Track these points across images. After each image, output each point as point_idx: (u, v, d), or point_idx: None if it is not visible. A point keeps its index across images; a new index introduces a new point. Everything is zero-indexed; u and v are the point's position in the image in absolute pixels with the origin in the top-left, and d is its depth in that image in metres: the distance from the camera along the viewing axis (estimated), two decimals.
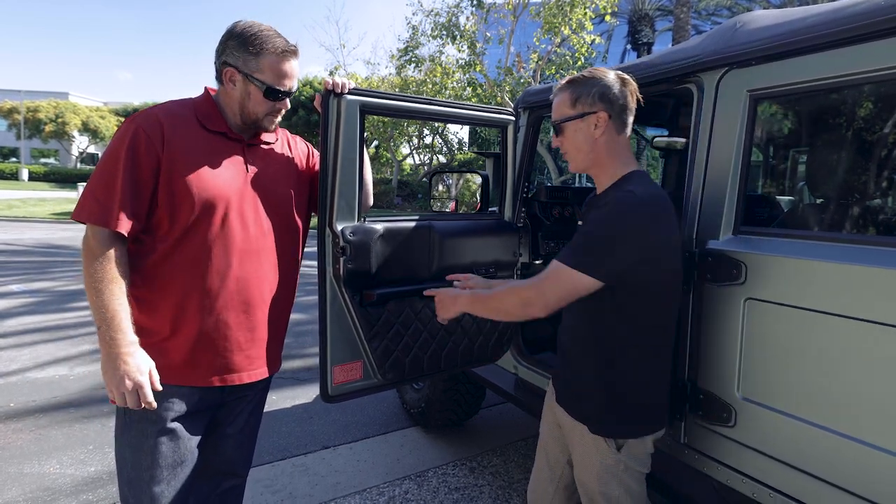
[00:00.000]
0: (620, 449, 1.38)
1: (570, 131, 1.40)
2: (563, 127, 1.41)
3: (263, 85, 1.41)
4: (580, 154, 1.41)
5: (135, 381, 1.28)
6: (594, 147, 1.39)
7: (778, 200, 2.33)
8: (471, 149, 25.69)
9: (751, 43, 1.50)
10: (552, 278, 1.31)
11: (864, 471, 1.24)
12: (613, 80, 1.37)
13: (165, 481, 1.39)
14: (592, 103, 1.36)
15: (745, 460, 1.49)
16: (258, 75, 1.41)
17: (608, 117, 1.36)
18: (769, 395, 1.43)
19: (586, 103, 1.36)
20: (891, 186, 1.73)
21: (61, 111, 37.02)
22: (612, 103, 1.36)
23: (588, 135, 1.38)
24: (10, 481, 2.61)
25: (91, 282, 1.28)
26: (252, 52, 1.39)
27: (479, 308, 1.49)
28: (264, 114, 1.45)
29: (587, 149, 1.40)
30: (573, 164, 1.45)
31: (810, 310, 1.32)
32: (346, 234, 1.74)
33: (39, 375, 3.99)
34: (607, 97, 1.35)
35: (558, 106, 1.42)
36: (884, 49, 1.23)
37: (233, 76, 1.42)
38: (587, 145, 1.39)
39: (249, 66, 1.40)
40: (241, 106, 1.44)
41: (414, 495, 2.62)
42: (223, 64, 1.42)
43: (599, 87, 1.35)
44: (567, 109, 1.39)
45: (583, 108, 1.37)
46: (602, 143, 1.39)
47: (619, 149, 1.40)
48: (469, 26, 14.19)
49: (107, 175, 1.31)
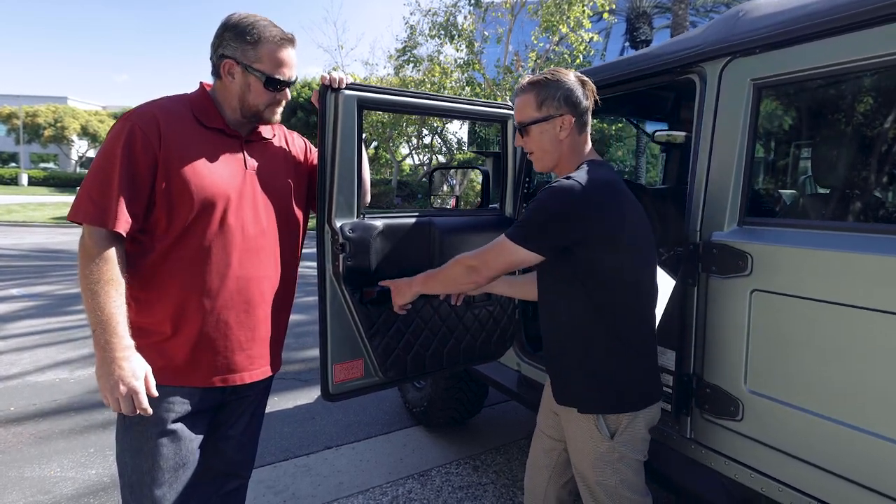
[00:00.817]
0: (613, 436, 1.39)
1: (536, 133, 1.45)
2: (529, 129, 1.45)
3: (263, 75, 1.39)
4: (545, 155, 1.47)
5: (129, 387, 1.24)
6: (558, 148, 1.45)
7: (782, 191, 2.32)
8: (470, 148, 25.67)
9: (754, 31, 1.48)
10: (496, 249, 1.41)
11: (875, 463, 1.22)
12: (575, 82, 1.42)
13: (167, 484, 1.37)
14: (558, 106, 1.41)
15: (754, 454, 1.47)
16: (257, 65, 1.38)
17: (573, 120, 1.41)
18: (777, 387, 1.41)
19: (552, 106, 1.41)
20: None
21: (60, 115, 37.07)
22: (575, 106, 1.41)
23: (553, 136, 1.43)
24: (10, 485, 2.59)
25: (87, 283, 1.24)
26: (250, 42, 1.37)
27: (431, 284, 1.60)
28: (265, 105, 1.43)
29: (552, 150, 1.45)
30: (538, 165, 1.50)
31: (818, 300, 1.30)
32: (345, 230, 1.71)
33: (40, 379, 3.98)
34: (571, 100, 1.41)
35: (523, 107, 1.45)
36: (889, 34, 1.21)
37: (231, 69, 1.39)
38: (552, 146, 1.45)
39: (248, 57, 1.38)
40: (241, 99, 1.41)
41: (417, 495, 2.60)
42: (220, 57, 1.40)
43: (563, 91, 1.40)
44: (532, 112, 1.43)
45: (548, 111, 1.41)
46: (566, 144, 1.44)
47: (579, 147, 1.47)
48: (467, 25, 14.17)
49: (102, 174, 1.27)
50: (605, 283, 1.36)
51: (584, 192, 1.31)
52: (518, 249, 1.36)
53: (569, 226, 1.32)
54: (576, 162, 1.45)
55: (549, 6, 12.66)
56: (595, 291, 1.36)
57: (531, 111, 1.44)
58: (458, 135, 25.83)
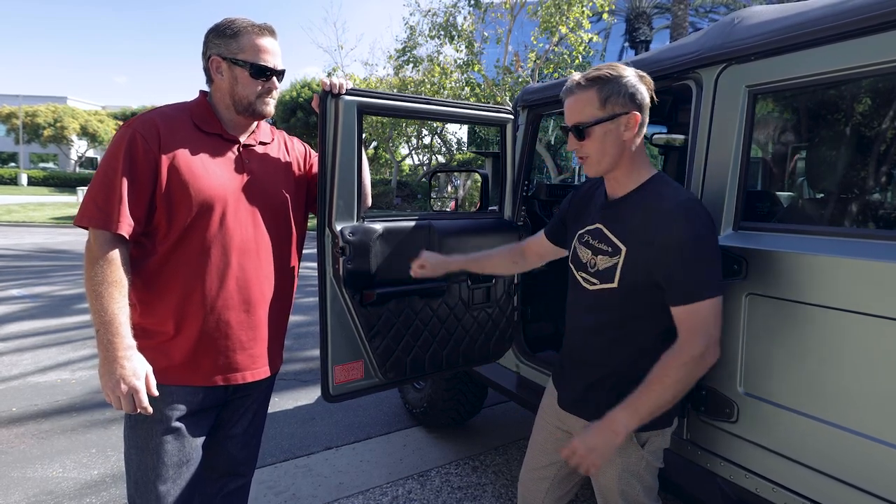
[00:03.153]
0: (644, 445, 1.37)
1: (598, 134, 1.30)
2: (590, 130, 1.30)
3: (247, 64, 1.43)
4: (606, 157, 1.32)
5: (130, 386, 1.28)
6: (621, 149, 1.31)
7: (778, 196, 2.33)
8: (469, 149, 25.68)
9: (749, 38, 1.50)
10: (712, 316, 1.23)
11: (866, 465, 1.24)
12: (636, 77, 1.30)
13: (171, 480, 1.40)
14: (624, 104, 1.28)
15: (748, 455, 1.49)
16: (241, 56, 1.43)
17: (639, 118, 1.29)
18: (771, 390, 1.43)
19: (618, 104, 1.27)
20: (892, 181, 1.73)
21: (60, 115, 37.05)
22: (641, 103, 1.29)
23: (617, 137, 1.30)
24: (13, 485, 2.61)
25: (91, 285, 1.29)
26: (230, 36, 1.43)
27: (645, 411, 1.25)
28: (255, 95, 1.46)
29: (615, 152, 1.31)
30: (595, 168, 1.34)
31: (812, 304, 1.32)
32: (345, 234, 1.74)
33: (41, 379, 3.99)
34: (636, 96, 1.28)
35: (582, 106, 1.30)
36: (883, 43, 1.23)
37: (219, 65, 1.44)
38: (615, 148, 1.31)
39: (231, 49, 1.43)
40: (231, 93, 1.45)
41: (417, 495, 2.62)
42: (208, 58, 1.46)
43: (629, 87, 1.28)
44: (595, 111, 1.29)
45: (614, 109, 1.28)
46: (630, 145, 1.32)
47: (641, 149, 1.35)
48: (466, 26, 14.18)
49: (106, 180, 1.32)
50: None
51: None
52: (721, 297, 1.25)
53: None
54: (638, 166, 1.35)
55: (548, 7, 12.67)
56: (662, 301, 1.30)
57: (593, 110, 1.28)
58: (458, 135, 25.84)
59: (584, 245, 1.44)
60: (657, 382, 1.25)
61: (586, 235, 1.44)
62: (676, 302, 1.25)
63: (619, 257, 1.33)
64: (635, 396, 1.27)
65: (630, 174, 1.36)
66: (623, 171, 1.35)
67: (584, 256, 1.43)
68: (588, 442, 1.28)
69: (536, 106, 2.46)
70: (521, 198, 2.45)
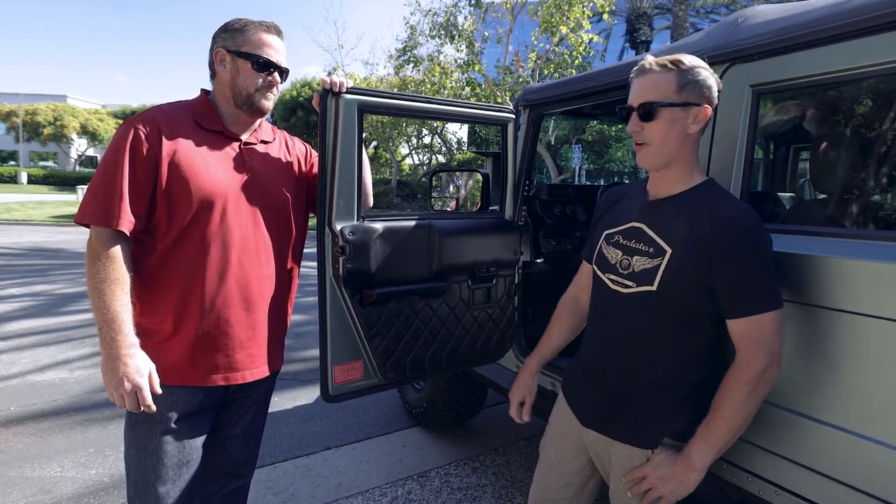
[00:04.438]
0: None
1: (666, 118, 1.22)
2: (659, 111, 1.22)
3: (250, 56, 1.44)
4: (666, 146, 1.24)
5: (134, 384, 1.28)
6: (682, 143, 1.24)
7: (780, 195, 2.33)
8: (470, 148, 25.68)
9: (753, 37, 1.49)
10: (775, 328, 1.18)
11: (872, 467, 1.23)
12: (712, 75, 1.25)
13: (171, 481, 1.40)
14: (700, 95, 1.22)
15: (751, 458, 1.48)
16: (245, 48, 1.44)
17: (709, 115, 1.24)
18: (774, 392, 1.41)
19: (694, 93, 1.21)
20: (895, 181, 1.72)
21: (60, 114, 37.01)
22: (712, 101, 1.24)
23: (684, 128, 1.23)
24: (11, 485, 2.60)
25: (93, 283, 1.28)
26: (237, 30, 1.46)
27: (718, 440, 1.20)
28: (255, 88, 1.46)
29: (676, 143, 1.24)
30: (653, 158, 1.26)
31: (816, 306, 1.31)
32: (345, 233, 1.72)
33: (40, 379, 3.98)
34: (711, 93, 1.23)
35: (657, 85, 1.22)
36: (888, 42, 1.22)
37: (223, 57, 1.46)
38: (678, 139, 1.23)
39: (236, 42, 1.45)
40: (232, 85, 1.46)
41: (416, 495, 2.61)
42: (213, 52, 1.47)
43: (708, 80, 1.23)
44: (670, 93, 1.21)
45: (689, 97, 1.21)
46: (691, 141, 1.26)
47: (696, 151, 1.30)
48: (467, 26, 14.18)
49: (107, 177, 1.32)
50: (720, 320, 1.25)
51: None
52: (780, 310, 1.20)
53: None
54: (693, 166, 1.29)
55: (548, 6, 12.66)
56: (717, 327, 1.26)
57: (669, 92, 1.21)
58: (458, 135, 25.85)
59: (614, 245, 1.36)
60: (725, 407, 1.19)
61: (617, 235, 1.36)
62: (738, 314, 1.19)
63: (661, 259, 1.25)
64: (704, 426, 1.21)
65: (683, 174, 1.28)
66: (678, 170, 1.28)
67: (614, 257, 1.35)
68: (662, 471, 1.24)
69: (538, 106, 2.45)
70: (522, 198, 2.44)
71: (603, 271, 1.39)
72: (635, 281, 1.29)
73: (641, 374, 1.31)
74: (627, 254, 1.32)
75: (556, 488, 1.52)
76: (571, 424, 1.47)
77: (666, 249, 1.25)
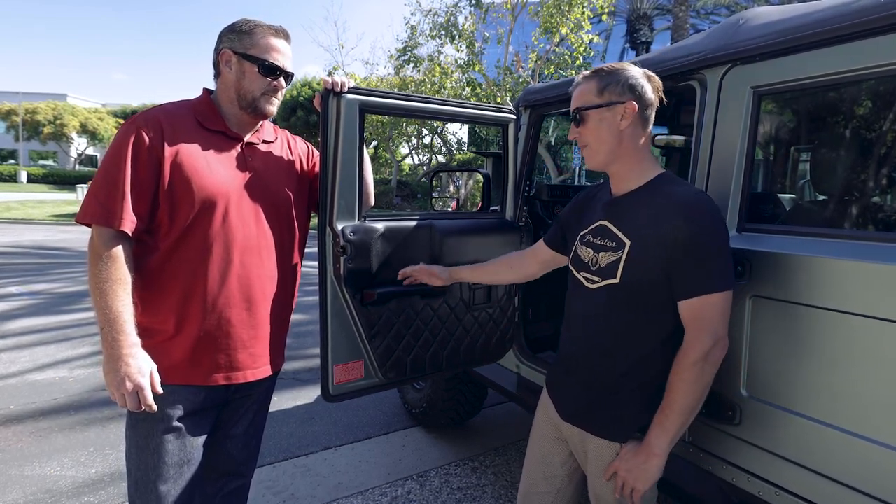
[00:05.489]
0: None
1: (594, 121, 1.32)
2: (587, 115, 1.33)
3: (257, 60, 1.43)
4: (603, 146, 1.33)
5: (135, 383, 1.28)
6: (619, 140, 1.32)
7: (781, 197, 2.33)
8: (470, 149, 25.68)
9: (754, 39, 1.50)
10: (721, 310, 1.22)
11: (872, 468, 1.23)
12: (641, 74, 1.32)
13: (172, 480, 1.40)
14: (622, 93, 1.29)
15: (751, 458, 1.48)
16: (252, 51, 1.44)
17: (636, 108, 1.29)
18: (775, 392, 1.42)
19: (615, 92, 1.29)
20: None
21: (60, 113, 36.99)
22: (640, 96, 1.30)
23: (613, 125, 1.30)
24: (11, 483, 2.60)
25: (95, 282, 1.28)
26: (245, 32, 1.45)
27: (672, 425, 1.24)
28: (260, 92, 1.46)
29: (612, 141, 1.32)
30: (593, 159, 1.36)
31: (815, 307, 1.31)
32: (346, 233, 1.73)
33: (39, 377, 3.98)
34: (636, 89, 1.30)
35: (582, 94, 1.34)
36: (889, 44, 1.22)
37: (229, 59, 1.45)
38: (612, 137, 1.31)
39: (244, 44, 1.44)
40: (237, 87, 1.45)
41: (416, 495, 2.61)
42: (219, 52, 1.46)
43: (628, 79, 1.30)
44: (592, 98, 1.32)
45: (610, 97, 1.30)
46: (628, 137, 1.32)
47: (640, 144, 1.34)
48: (467, 26, 14.18)
49: (109, 176, 1.32)
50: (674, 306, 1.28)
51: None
52: (730, 292, 1.24)
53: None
54: (638, 160, 1.34)
55: (549, 7, 12.67)
56: (675, 315, 1.28)
57: (591, 97, 1.32)
58: (458, 135, 25.84)
59: (586, 245, 1.42)
60: (673, 391, 1.24)
61: (588, 235, 1.42)
62: (683, 295, 1.23)
63: (622, 252, 1.30)
64: (659, 412, 1.26)
65: (633, 170, 1.35)
66: (625, 166, 1.35)
67: (586, 256, 1.40)
68: (629, 463, 1.29)
69: (538, 106, 2.45)
70: (523, 198, 2.44)
71: (578, 270, 1.44)
72: (601, 276, 1.35)
73: (614, 366, 1.34)
74: (596, 251, 1.38)
75: (542, 481, 1.55)
76: (553, 419, 1.51)
77: (625, 242, 1.31)
